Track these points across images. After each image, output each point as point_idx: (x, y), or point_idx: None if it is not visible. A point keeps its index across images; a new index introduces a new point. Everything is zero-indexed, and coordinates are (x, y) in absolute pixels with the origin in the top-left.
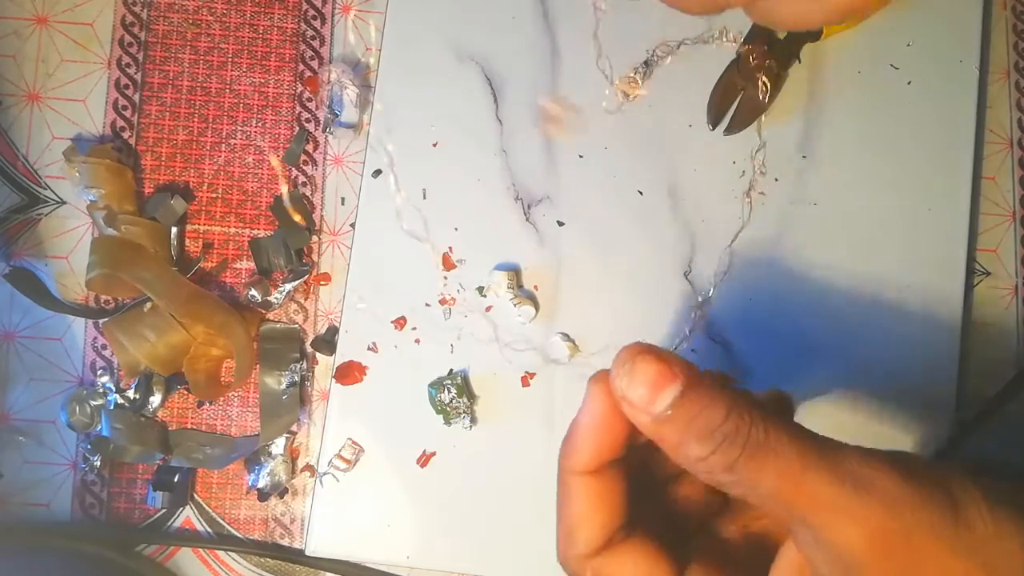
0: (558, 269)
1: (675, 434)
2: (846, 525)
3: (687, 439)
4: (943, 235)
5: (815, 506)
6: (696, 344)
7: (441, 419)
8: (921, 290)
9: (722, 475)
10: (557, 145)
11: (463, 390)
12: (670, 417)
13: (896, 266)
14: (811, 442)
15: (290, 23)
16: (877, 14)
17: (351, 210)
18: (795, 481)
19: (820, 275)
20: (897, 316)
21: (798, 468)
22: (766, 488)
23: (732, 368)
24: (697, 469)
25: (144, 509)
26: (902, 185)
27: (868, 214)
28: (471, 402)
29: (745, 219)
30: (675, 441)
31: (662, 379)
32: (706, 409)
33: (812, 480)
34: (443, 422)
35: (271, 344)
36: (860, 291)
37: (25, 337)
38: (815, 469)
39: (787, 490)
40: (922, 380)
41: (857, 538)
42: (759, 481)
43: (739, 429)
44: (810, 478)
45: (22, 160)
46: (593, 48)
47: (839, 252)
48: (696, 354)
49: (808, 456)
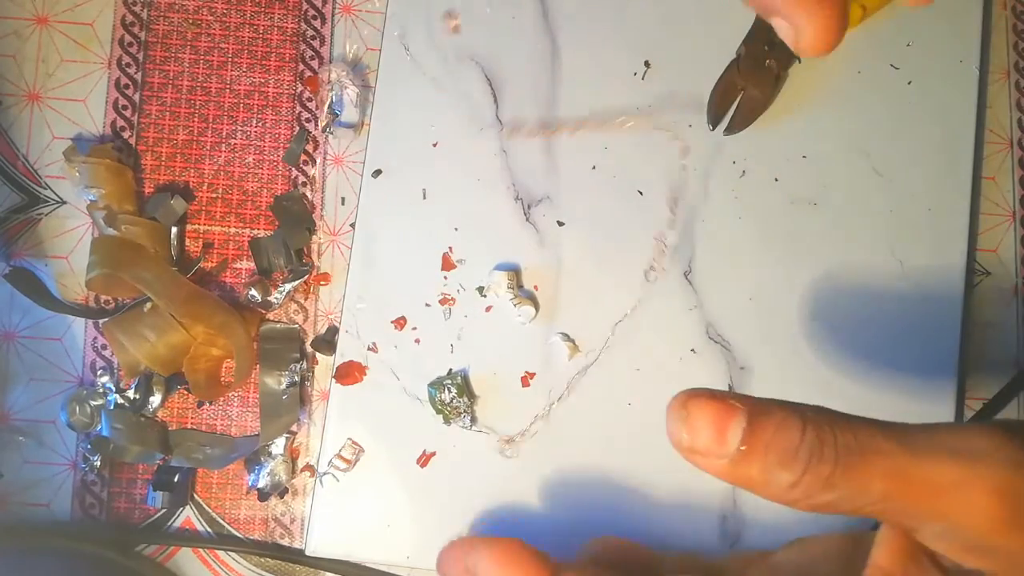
0: (558, 269)
1: (757, 469)
2: (977, 498)
3: (771, 469)
4: (943, 235)
5: (936, 493)
6: (696, 344)
7: (441, 419)
8: (921, 290)
9: (822, 495)
10: (557, 145)
11: (463, 390)
12: (745, 453)
13: (896, 266)
14: (901, 430)
15: (290, 23)
16: (877, 14)
17: (351, 210)
18: (905, 476)
19: (820, 275)
20: (897, 316)
21: (904, 461)
22: (876, 493)
23: (732, 368)
24: (794, 499)
25: (144, 509)
26: (902, 185)
27: (868, 214)
28: (471, 402)
29: (745, 219)
30: (760, 477)
31: (723, 416)
32: (780, 431)
33: (925, 468)
34: (443, 422)
35: (271, 344)
36: (860, 291)
37: (25, 337)
38: (924, 456)
39: (899, 488)
40: (922, 380)
41: (992, 508)
42: (866, 488)
43: (823, 440)
44: (922, 467)
45: (22, 160)
46: (593, 48)
47: (839, 252)
48: (696, 354)
49: (909, 445)
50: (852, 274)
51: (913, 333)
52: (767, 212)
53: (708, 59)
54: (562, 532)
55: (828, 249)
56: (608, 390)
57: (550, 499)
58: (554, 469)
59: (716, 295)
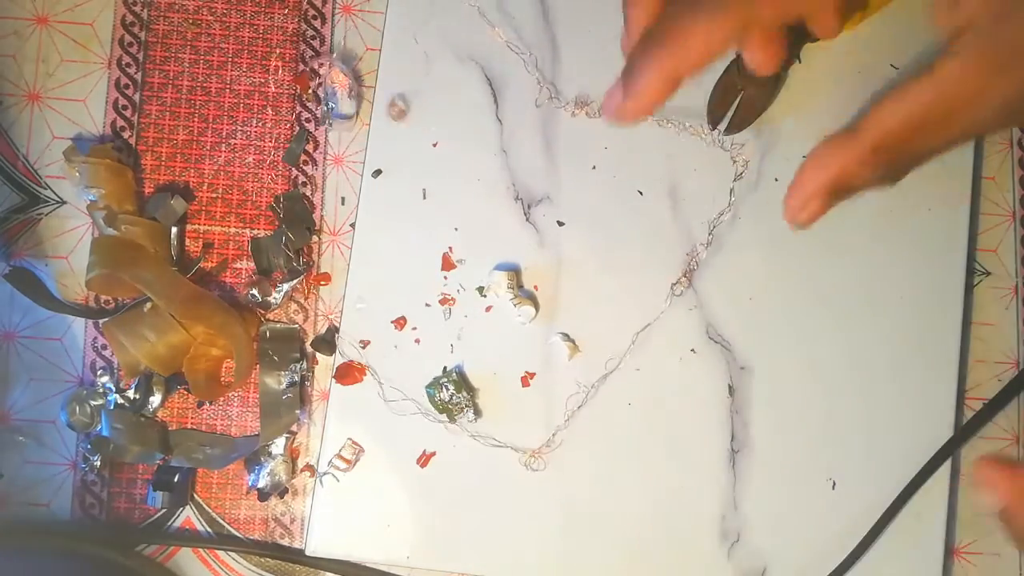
0: (558, 269)
1: None
2: None
3: None
4: (943, 235)
5: None
6: (696, 344)
7: (446, 418)
8: (921, 290)
9: None
10: (557, 145)
11: (461, 385)
12: None
13: (896, 266)
14: None
15: (290, 23)
16: (877, 14)
17: (351, 210)
18: None
19: (819, 275)
20: (897, 316)
21: None
22: None
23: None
24: None
25: (144, 509)
26: (902, 185)
27: (868, 214)
28: (471, 395)
29: (745, 219)
30: None
31: None
32: None
33: None
34: (448, 420)
35: (271, 344)
36: (860, 290)
37: (25, 337)
38: None
39: None
40: (922, 380)
41: None
42: None
43: None
44: None
45: (22, 160)
46: (593, 47)
47: (839, 252)
48: (696, 354)
49: None
50: (851, 274)
51: (913, 332)
52: (767, 212)
53: None
54: (562, 532)
55: (828, 249)
56: (608, 390)
57: (549, 499)
58: (554, 468)
59: (716, 295)
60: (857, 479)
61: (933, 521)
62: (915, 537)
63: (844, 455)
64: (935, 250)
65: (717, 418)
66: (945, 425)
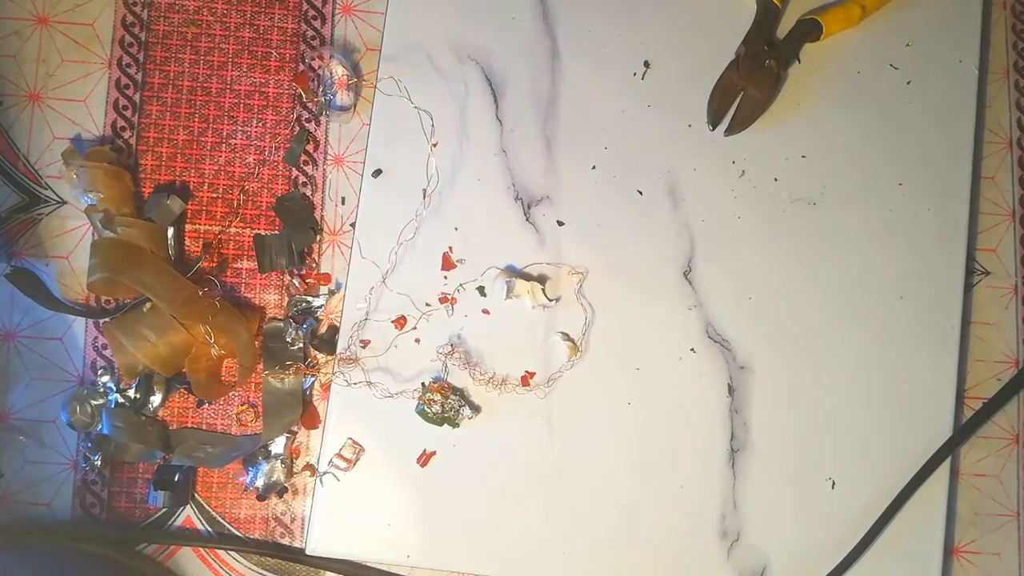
0: (558, 269)
1: None
2: None
3: None
4: (943, 235)
5: None
6: (696, 344)
7: (448, 427)
8: (921, 289)
9: None
10: (557, 145)
11: (446, 391)
12: None
13: (896, 265)
14: None
15: (290, 23)
16: (877, 14)
17: (351, 210)
18: None
19: (820, 275)
20: (897, 315)
21: None
22: None
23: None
24: None
25: (145, 508)
26: (902, 185)
27: (868, 214)
28: (460, 395)
29: (745, 219)
30: None
31: None
32: None
33: None
34: (451, 428)
35: (275, 343)
36: (860, 290)
37: (26, 337)
38: None
39: None
40: (921, 379)
41: None
42: None
43: None
44: None
45: (23, 160)
46: (593, 48)
47: (839, 251)
48: (696, 353)
49: None
50: (851, 273)
51: (913, 332)
52: (767, 212)
53: (708, 59)
54: (563, 532)
55: (828, 249)
56: (608, 390)
57: (550, 499)
58: (554, 468)
59: (716, 295)
60: (856, 478)
61: (933, 520)
62: (915, 536)
63: (844, 455)
64: (935, 250)
65: (717, 418)
66: (944, 424)
